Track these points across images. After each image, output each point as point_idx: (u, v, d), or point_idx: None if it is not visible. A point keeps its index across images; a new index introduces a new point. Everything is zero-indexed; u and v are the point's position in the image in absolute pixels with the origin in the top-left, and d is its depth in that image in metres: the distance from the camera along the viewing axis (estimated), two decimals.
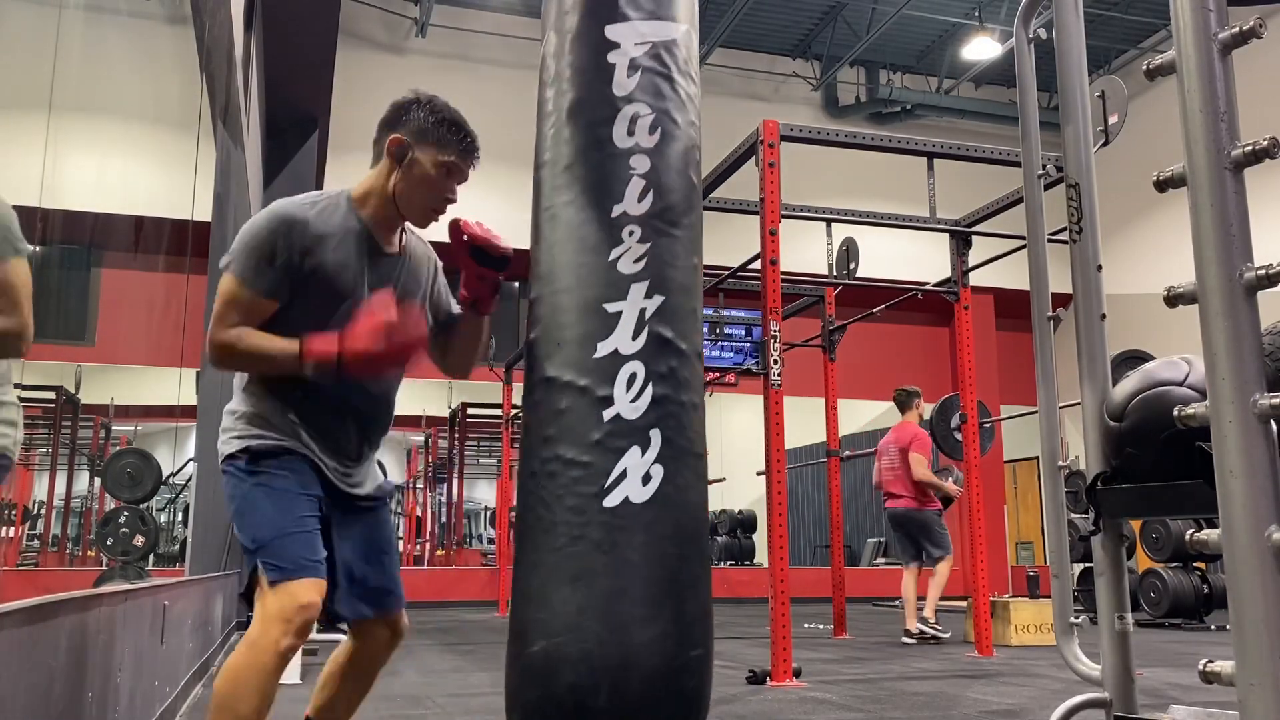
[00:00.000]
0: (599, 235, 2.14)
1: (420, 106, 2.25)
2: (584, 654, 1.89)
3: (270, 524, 2.03)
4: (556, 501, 1.98)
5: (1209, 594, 8.84)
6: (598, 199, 2.18)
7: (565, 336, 2.09)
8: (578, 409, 2.03)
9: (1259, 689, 1.48)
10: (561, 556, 1.95)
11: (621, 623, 1.92)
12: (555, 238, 2.20)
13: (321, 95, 9.10)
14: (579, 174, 2.23)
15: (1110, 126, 4.25)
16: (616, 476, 1.96)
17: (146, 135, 5.91)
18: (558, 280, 2.15)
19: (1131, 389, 2.10)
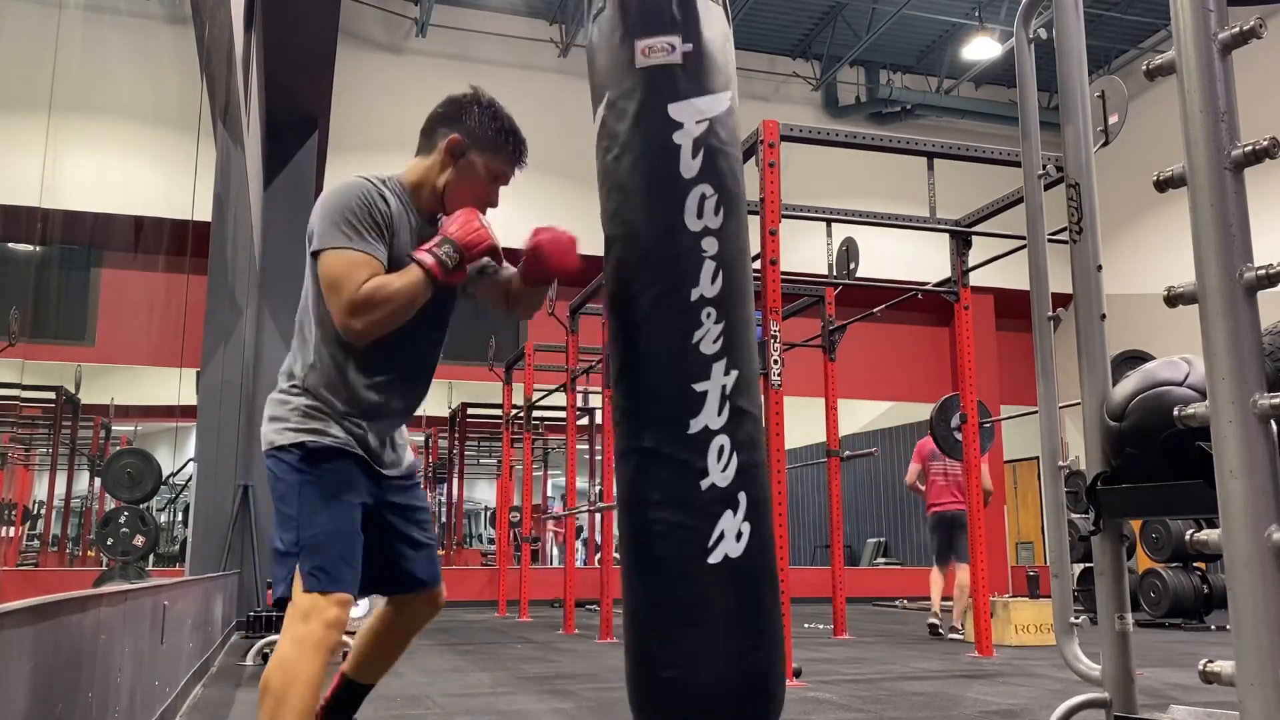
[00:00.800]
0: (682, 320, 2.38)
1: (481, 110, 2.32)
2: (702, 685, 2.27)
3: (322, 531, 2.09)
4: (673, 555, 2.31)
5: (1209, 594, 8.84)
6: (676, 284, 2.40)
7: (660, 413, 2.38)
8: (678, 479, 2.33)
9: (1259, 689, 1.48)
10: (678, 602, 2.30)
11: (730, 653, 2.30)
12: (637, 318, 2.43)
13: (321, 95, 9.10)
14: (654, 256, 2.43)
15: (1110, 126, 4.25)
16: (716, 539, 2.30)
17: (146, 135, 5.91)
18: (648, 357, 2.40)
19: (1131, 389, 2.10)
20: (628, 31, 2.48)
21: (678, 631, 2.30)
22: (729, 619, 2.30)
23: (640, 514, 2.37)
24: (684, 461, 2.33)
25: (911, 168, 7.49)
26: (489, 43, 13.46)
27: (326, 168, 10.35)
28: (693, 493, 2.33)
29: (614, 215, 2.52)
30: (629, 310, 2.46)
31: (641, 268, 2.45)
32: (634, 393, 2.44)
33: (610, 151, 2.49)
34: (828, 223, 6.78)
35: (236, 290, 7.94)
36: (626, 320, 2.48)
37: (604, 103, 2.51)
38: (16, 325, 3.15)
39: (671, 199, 2.42)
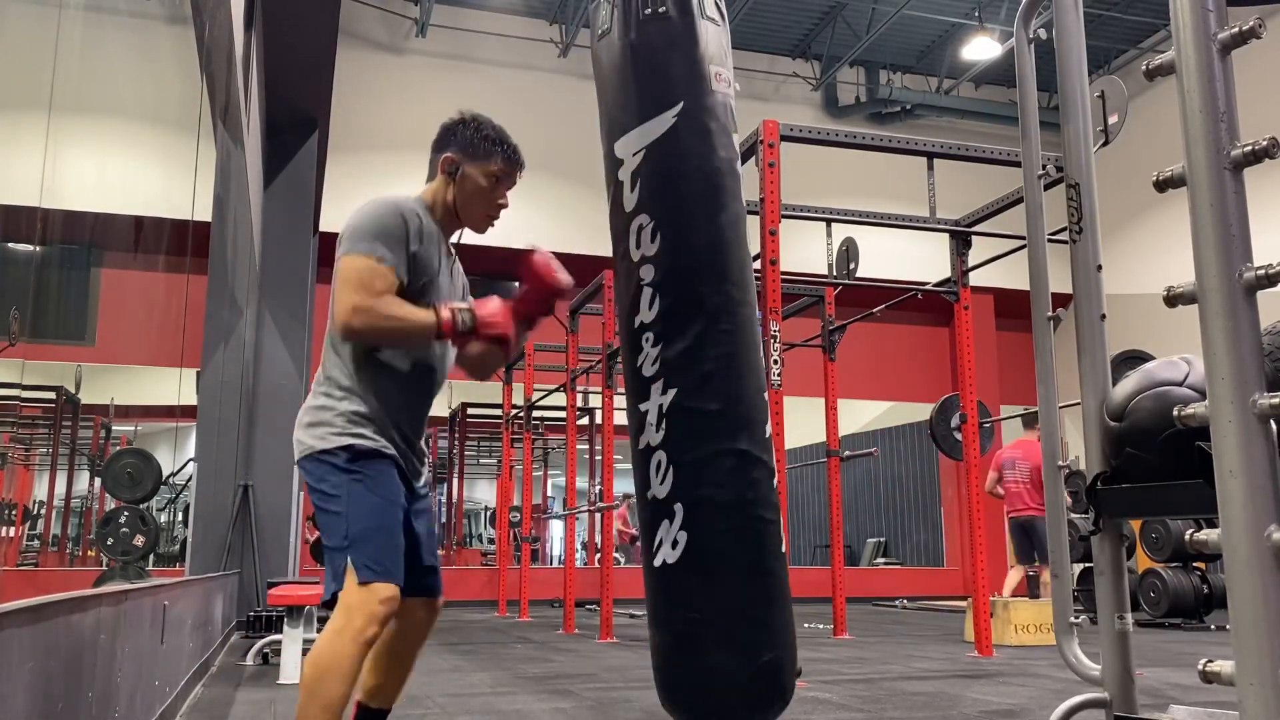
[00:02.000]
0: (754, 334, 2.65)
1: (465, 126, 2.45)
2: (789, 662, 2.55)
3: (371, 524, 2.18)
4: (771, 548, 2.54)
5: (1209, 594, 8.84)
6: (751, 300, 2.71)
7: (753, 418, 2.56)
8: (765, 480, 2.55)
9: (1258, 689, 1.48)
10: (775, 585, 2.53)
11: (794, 637, 2.64)
12: (731, 329, 2.65)
13: (321, 95, 9.10)
14: (744, 281, 2.75)
15: (1110, 126, 4.25)
16: (780, 531, 2.60)
17: (146, 135, 5.91)
18: (740, 365, 2.58)
19: (1131, 389, 2.10)
20: (702, 50, 2.58)
21: (778, 614, 2.55)
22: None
23: (736, 512, 2.57)
24: (766, 464, 2.60)
25: (911, 168, 7.49)
26: (489, 43, 13.46)
27: (326, 168, 10.35)
28: (772, 492, 2.58)
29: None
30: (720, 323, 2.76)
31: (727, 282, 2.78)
32: (721, 393, 2.64)
33: (687, 160, 2.57)
34: (828, 223, 6.78)
35: (236, 290, 7.94)
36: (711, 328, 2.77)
37: (678, 109, 2.56)
38: (17, 325, 3.15)
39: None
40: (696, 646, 2.47)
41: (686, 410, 2.54)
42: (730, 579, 2.48)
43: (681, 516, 2.48)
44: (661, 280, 2.55)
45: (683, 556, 2.48)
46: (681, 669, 2.50)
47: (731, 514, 2.49)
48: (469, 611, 11.36)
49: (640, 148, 2.57)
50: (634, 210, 2.57)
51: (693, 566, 2.49)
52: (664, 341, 2.54)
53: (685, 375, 2.54)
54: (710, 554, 2.49)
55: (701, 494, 2.50)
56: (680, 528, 2.47)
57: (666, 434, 2.53)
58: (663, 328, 2.55)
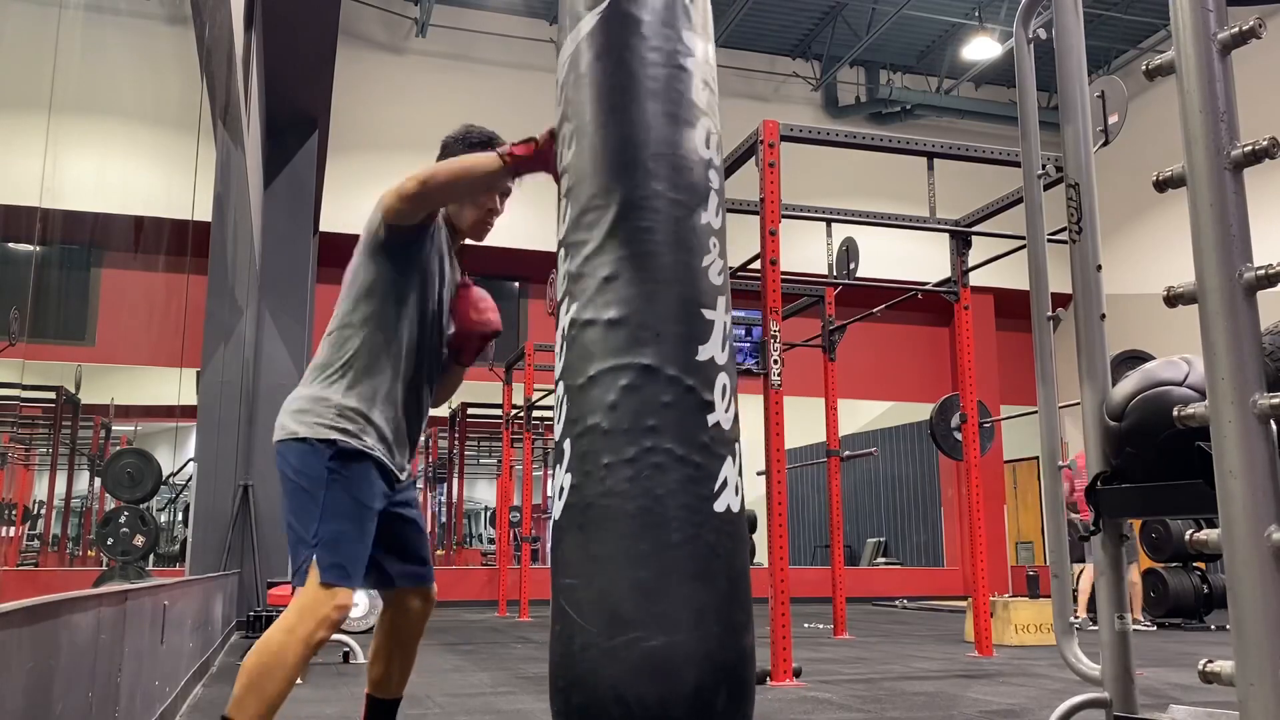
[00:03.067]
0: (694, 239, 2.10)
1: (455, 138, 2.48)
2: (707, 653, 1.89)
3: (342, 527, 2.18)
4: (668, 496, 1.92)
5: (1209, 594, 8.84)
6: (688, 201, 2.12)
7: (666, 330, 2.02)
8: (684, 407, 1.98)
9: (1259, 689, 1.48)
10: (679, 554, 1.91)
11: (734, 625, 1.95)
12: (651, 225, 2.11)
13: (321, 95, 9.10)
14: (664, 172, 2.16)
15: (1110, 126, 4.25)
16: (720, 484, 1.97)
17: (146, 135, 5.91)
18: (655, 271, 2.05)
19: (1131, 389, 2.10)
20: None
21: (678, 588, 1.98)
22: (733, 583, 2.03)
23: (629, 443, 2.03)
24: (691, 388, 2.07)
25: (911, 168, 7.49)
26: (489, 43, 13.46)
27: (326, 168, 10.35)
28: (700, 427, 2.06)
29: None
30: (634, 217, 2.30)
31: (654, 176, 2.30)
32: (626, 300, 2.19)
33: (610, 53, 2.23)
34: (828, 223, 6.78)
35: (236, 290, 7.94)
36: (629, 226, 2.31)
37: (603, 7, 2.20)
38: (17, 325, 3.15)
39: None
40: (568, 623, 1.93)
41: (580, 325, 2.04)
42: (612, 535, 1.91)
43: (568, 456, 1.98)
44: (573, 186, 2.15)
45: (565, 507, 1.97)
46: (554, 653, 1.97)
47: (621, 446, 1.92)
48: (469, 611, 11.36)
49: (567, 56, 2.32)
50: (559, 122, 2.20)
51: (572, 521, 1.96)
52: (570, 254, 2.10)
53: (584, 284, 2.06)
54: (590, 502, 1.93)
55: (588, 422, 1.97)
56: (565, 469, 1.97)
57: (564, 359, 2.04)
58: (570, 239, 2.12)
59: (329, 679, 5.12)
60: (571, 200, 2.14)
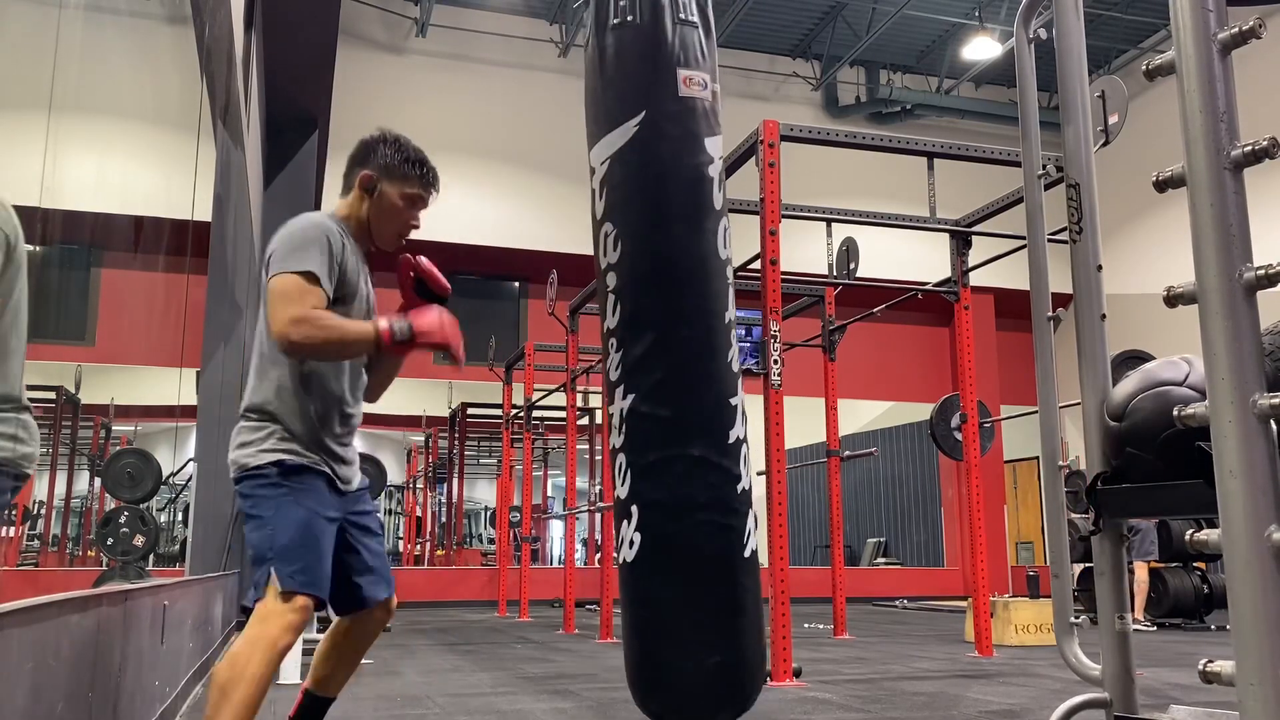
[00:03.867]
0: (720, 340, 2.64)
1: (386, 145, 2.50)
2: (744, 660, 2.54)
3: (296, 536, 2.24)
4: (714, 555, 2.52)
5: (1209, 594, 8.84)
6: (715, 308, 2.67)
7: (705, 424, 2.57)
8: (722, 483, 2.55)
9: (1259, 689, 1.48)
10: (723, 594, 2.55)
11: (759, 637, 2.61)
12: (688, 336, 2.66)
13: (321, 95, 9.10)
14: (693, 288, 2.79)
15: (1110, 126, 4.25)
16: (747, 535, 2.59)
17: (146, 135, 5.91)
18: (695, 372, 2.60)
19: (1131, 389, 2.10)
20: (669, 54, 2.56)
21: (732, 620, 2.58)
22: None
23: (687, 517, 2.62)
24: (728, 469, 2.68)
25: (911, 168, 7.49)
26: (489, 43, 13.46)
27: (326, 168, 10.35)
28: (734, 497, 2.64)
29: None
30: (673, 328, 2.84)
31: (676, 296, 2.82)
32: (671, 400, 2.75)
33: (647, 168, 2.57)
34: (828, 223, 6.78)
35: (236, 290, 7.94)
36: (664, 334, 2.83)
37: (640, 118, 2.56)
38: None
39: (699, 224, 2.70)
40: (646, 642, 2.53)
41: (640, 415, 2.59)
42: (679, 580, 2.52)
43: (637, 518, 2.54)
44: (621, 288, 2.60)
45: (638, 555, 2.55)
46: (637, 662, 2.56)
47: (682, 516, 2.52)
48: (469, 611, 11.36)
49: (606, 157, 2.62)
50: (601, 218, 2.66)
51: (646, 565, 2.55)
52: (624, 348, 2.60)
53: (640, 381, 2.59)
54: (661, 554, 2.53)
55: (653, 497, 2.55)
56: (635, 528, 2.54)
57: (626, 437, 2.59)
58: (623, 334, 2.60)
59: None
60: (621, 299, 2.57)
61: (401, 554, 18.30)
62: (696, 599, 2.51)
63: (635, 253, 2.58)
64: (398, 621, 9.15)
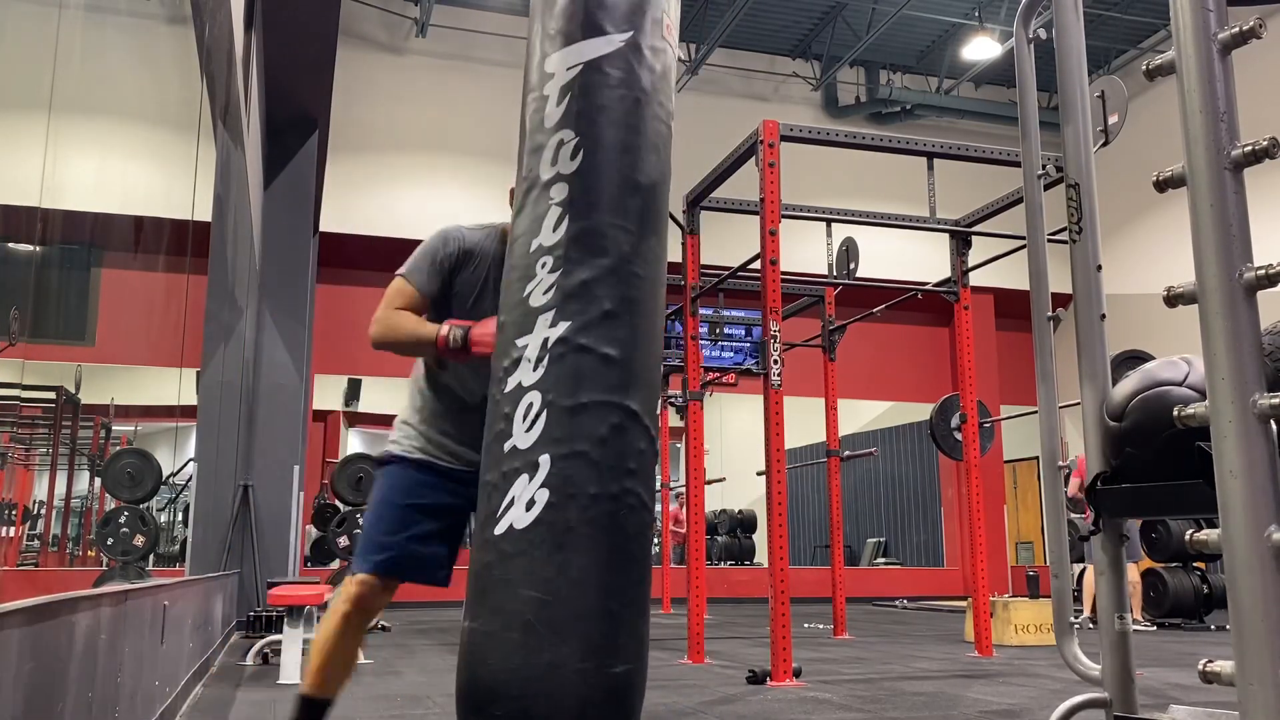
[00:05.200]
0: (661, 294, 2.35)
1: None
2: (643, 676, 2.11)
3: (368, 523, 2.59)
4: (636, 536, 2.09)
5: (1209, 594, 8.84)
6: (663, 262, 2.35)
7: (648, 379, 2.19)
8: (650, 454, 2.17)
9: (1259, 689, 1.48)
10: (640, 591, 2.10)
11: (646, 655, 2.16)
12: (646, 276, 2.28)
13: (321, 95, 9.10)
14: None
15: (1110, 126, 4.24)
16: (657, 527, 2.31)
17: (146, 135, 5.91)
18: (646, 315, 2.23)
19: (1131, 389, 2.10)
20: None
21: (640, 623, 2.12)
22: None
23: (612, 482, 2.15)
24: (653, 437, 2.21)
25: (911, 168, 7.49)
26: (489, 43, 13.46)
27: (327, 168, 10.35)
28: (654, 472, 2.23)
29: None
30: (631, 269, 2.41)
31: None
32: (621, 340, 2.24)
33: (629, 88, 2.33)
34: (828, 223, 6.78)
35: (236, 290, 7.94)
36: (622, 283, 2.39)
37: (627, 37, 2.31)
38: (16, 325, 3.15)
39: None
40: (537, 638, 1.97)
41: (576, 347, 2.11)
42: (589, 556, 2.01)
43: (546, 471, 2.03)
44: (573, 199, 2.20)
45: (536, 521, 2.01)
46: (512, 666, 1.99)
47: (607, 481, 2.04)
48: None
49: (579, 63, 2.34)
50: (556, 125, 2.26)
51: (547, 536, 2.01)
52: (564, 267, 2.16)
53: (583, 308, 2.13)
54: (571, 523, 2.01)
55: (576, 448, 2.05)
56: (541, 484, 2.03)
57: (546, 372, 2.10)
58: (567, 253, 2.16)
59: None
60: (572, 214, 2.17)
61: None
62: (615, 586, 2.02)
63: (601, 168, 2.22)
64: (397, 621, 9.14)
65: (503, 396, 2.13)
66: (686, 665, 5.78)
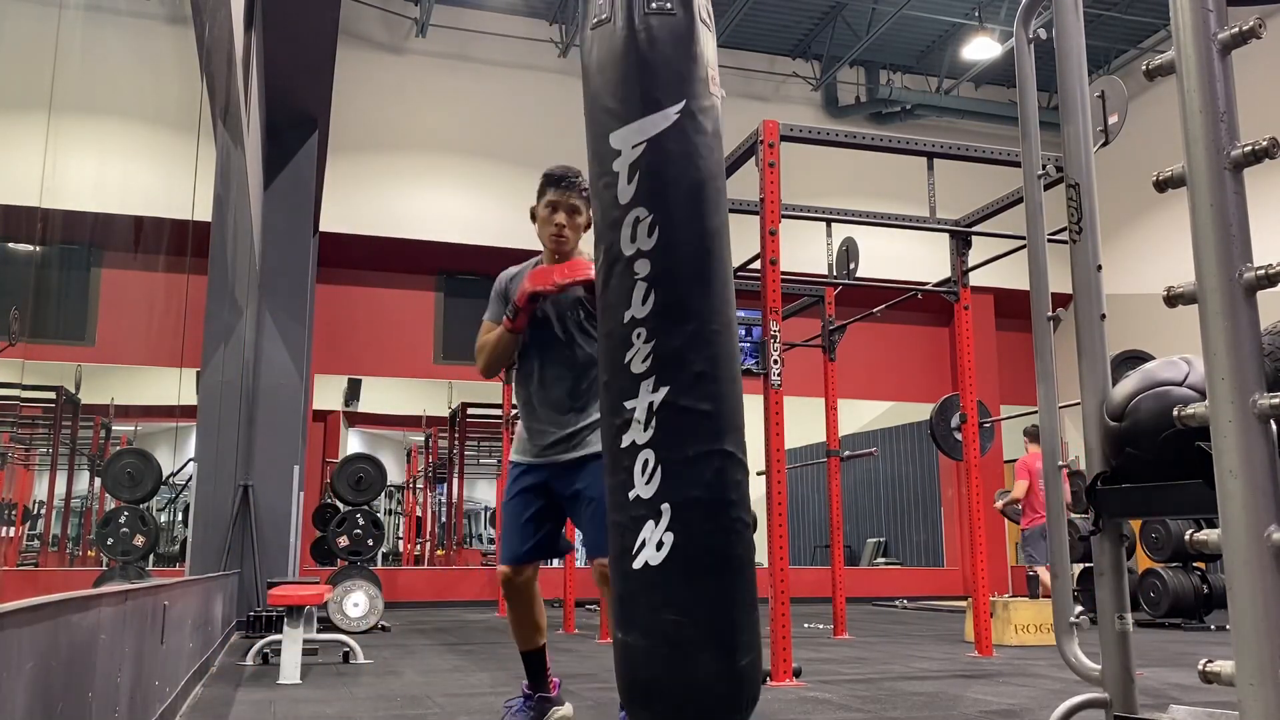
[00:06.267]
0: (735, 338, 2.67)
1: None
2: (760, 658, 2.59)
3: (503, 520, 3.40)
4: (744, 551, 2.53)
5: (1209, 594, 8.84)
6: (733, 307, 2.68)
7: (738, 422, 2.56)
8: (746, 483, 2.56)
9: (1258, 689, 1.48)
10: (750, 593, 2.54)
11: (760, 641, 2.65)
12: (719, 330, 2.60)
13: (321, 95, 9.10)
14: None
15: (1110, 126, 4.24)
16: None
17: (146, 135, 5.91)
18: (728, 368, 2.57)
19: (1131, 389, 2.10)
20: (701, 51, 2.58)
21: (750, 617, 2.55)
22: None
23: (722, 514, 2.57)
24: (746, 470, 2.61)
25: (911, 168, 7.49)
26: (489, 43, 13.45)
27: (326, 168, 10.35)
28: (748, 499, 2.59)
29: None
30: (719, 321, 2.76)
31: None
32: (714, 396, 2.67)
33: (689, 159, 2.55)
34: (828, 223, 6.78)
35: (236, 290, 7.94)
36: (719, 329, 2.75)
37: (680, 107, 2.54)
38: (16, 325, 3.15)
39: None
40: (681, 650, 2.44)
41: (678, 409, 2.50)
42: (713, 581, 2.47)
43: (669, 517, 2.45)
44: (657, 276, 2.51)
45: (668, 558, 2.45)
46: (663, 673, 2.47)
47: (718, 515, 2.48)
48: (469, 611, 11.35)
49: (641, 140, 2.55)
50: (630, 203, 2.55)
51: (678, 569, 2.45)
52: (657, 338, 2.51)
53: (678, 373, 2.50)
54: (695, 556, 2.46)
55: (690, 495, 2.47)
56: (666, 529, 2.45)
57: (655, 432, 2.49)
58: (656, 324, 2.51)
59: (329, 679, 5.12)
60: (656, 288, 2.51)
61: (401, 554, 18.31)
62: (734, 601, 2.49)
63: (675, 241, 2.53)
64: (397, 621, 9.15)
65: (620, 452, 2.54)
66: None
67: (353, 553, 8.72)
